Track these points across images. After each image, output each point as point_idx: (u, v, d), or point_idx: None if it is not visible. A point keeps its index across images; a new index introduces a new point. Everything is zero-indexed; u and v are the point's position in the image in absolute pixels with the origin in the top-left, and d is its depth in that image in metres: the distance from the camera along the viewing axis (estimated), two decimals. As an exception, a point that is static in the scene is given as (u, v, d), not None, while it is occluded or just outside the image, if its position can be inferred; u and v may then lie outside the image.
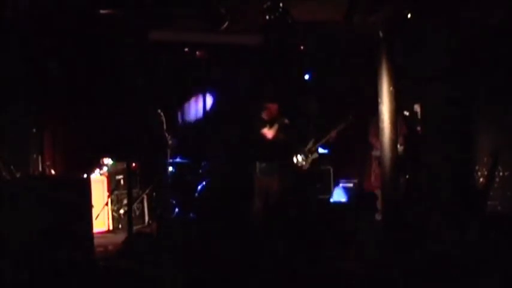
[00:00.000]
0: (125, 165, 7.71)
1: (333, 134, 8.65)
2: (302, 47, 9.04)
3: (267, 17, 6.92)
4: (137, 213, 8.20)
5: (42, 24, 7.23)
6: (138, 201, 8.23)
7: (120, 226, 8.00)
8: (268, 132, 7.48)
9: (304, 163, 8.87)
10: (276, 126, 7.46)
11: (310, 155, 8.90)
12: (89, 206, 5.64)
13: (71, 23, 7.36)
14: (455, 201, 7.14)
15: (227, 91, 9.45)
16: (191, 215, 8.15)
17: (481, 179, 7.51)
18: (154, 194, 8.42)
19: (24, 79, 7.42)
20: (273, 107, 7.63)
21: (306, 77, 9.82)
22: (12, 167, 6.26)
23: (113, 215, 8.05)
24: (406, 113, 7.99)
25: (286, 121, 7.55)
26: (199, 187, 8.42)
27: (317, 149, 8.87)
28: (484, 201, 7.34)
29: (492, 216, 7.08)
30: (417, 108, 8.44)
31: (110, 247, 6.71)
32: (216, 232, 6.61)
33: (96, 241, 5.79)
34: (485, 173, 7.49)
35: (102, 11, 6.99)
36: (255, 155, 7.55)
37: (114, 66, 8.24)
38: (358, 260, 4.50)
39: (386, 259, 4.50)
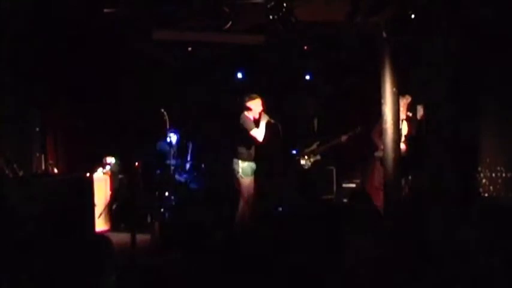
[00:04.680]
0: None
1: (344, 139, 8.66)
2: (305, 47, 9.04)
3: (271, 17, 6.93)
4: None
5: (45, 23, 7.24)
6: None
7: (122, 225, 8.00)
8: (258, 134, 7.10)
9: (305, 164, 8.88)
10: (263, 125, 7.13)
11: (312, 157, 8.91)
12: (91, 205, 5.66)
13: (74, 21, 7.37)
14: (457, 201, 7.13)
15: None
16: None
17: (484, 180, 7.50)
18: (156, 193, 8.41)
19: (26, 78, 7.42)
20: (257, 100, 7.29)
21: (307, 77, 9.81)
22: (15, 165, 6.27)
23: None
24: (409, 114, 7.98)
25: (272, 120, 7.22)
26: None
27: (320, 152, 8.87)
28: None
29: (494, 212, 7.06)
30: (420, 109, 8.43)
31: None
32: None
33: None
34: (488, 174, 7.49)
35: (106, 10, 7.01)
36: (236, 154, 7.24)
37: (118, 65, 8.25)
38: (358, 259, 4.51)
39: (387, 257, 4.50)
